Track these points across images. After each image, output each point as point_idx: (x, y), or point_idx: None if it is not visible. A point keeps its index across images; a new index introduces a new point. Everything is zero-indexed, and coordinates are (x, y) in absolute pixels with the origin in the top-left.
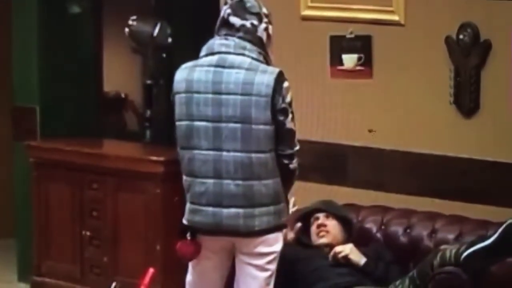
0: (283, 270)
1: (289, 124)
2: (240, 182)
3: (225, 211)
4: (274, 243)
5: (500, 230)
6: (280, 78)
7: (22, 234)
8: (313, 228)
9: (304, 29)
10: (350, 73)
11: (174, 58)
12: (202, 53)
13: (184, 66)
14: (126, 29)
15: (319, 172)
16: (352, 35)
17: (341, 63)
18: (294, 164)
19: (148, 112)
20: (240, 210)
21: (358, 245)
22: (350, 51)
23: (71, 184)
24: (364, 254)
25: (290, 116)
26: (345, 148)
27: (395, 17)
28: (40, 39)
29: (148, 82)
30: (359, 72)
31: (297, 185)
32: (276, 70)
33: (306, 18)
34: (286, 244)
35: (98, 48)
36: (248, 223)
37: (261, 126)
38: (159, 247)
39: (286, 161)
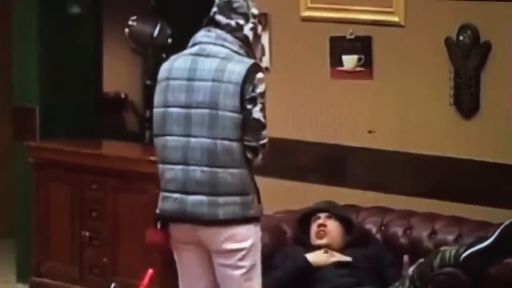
0: (284, 270)
1: (256, 114)
2: (206, 168)
3: (190, 197)
4: (243, 239)
5: (498, 231)
6: (253, 68)
7: (21, 234)
8: (313, 228)
9: (304, 30)
10: (350, 74)
11: None
12: (188, 45)
13: (171, 57)
14: (126, 30)
15: (319, 173)
16: (352, 36)
17: (341, 64)
18: (257, 162)
19: (148, 113)
20: (205, 198)
21: (358, 246)
22: (350, 52)
23: (71, 184)
24: (364, 255)
25: (258, 106)
26: (345, 149)
27: (395, 18)
28: (40, 39)
29: (148, 82)
30: (359, 73)
31: (297, 185)
32: (252, 61)
33: (306, 19)
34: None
35: (98, 48)
36: (212, 211)
37: (228, 113)
38: None
39: (249, 155)
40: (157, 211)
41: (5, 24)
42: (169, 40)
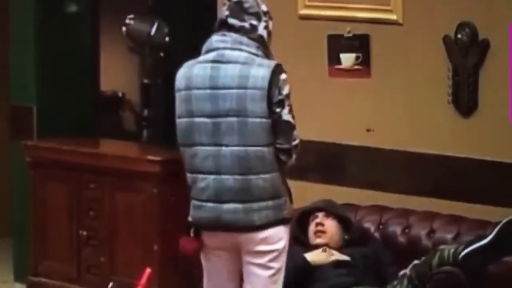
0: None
1: (285, 116)
2: (238, 176)
3: (225, 206)
4: (275, 241)
5: (496, 229)
6: (277, 70)
7: (19, 234)
8: (311, 227)
9: (302, 28)
10: (348, 72)
11: (172, 57)
12: (202, 51)
13: (186, 64)
14: (124, 28)
15: (317, 171)
16: (350, 34)
17: (339, 62)
18: (291, 163)
19: (146, 112)
20: (239, 205)
21: (356, 245)
22: (348, 50)
23: (68, 183)
24: (363, 254)
25: (287, 108)
26: (343, 147)
27: (393, 16)
28: (37, 38)
29: (146, 81)
30: (357, 71)
31: (295, 184)
32: (273, 63)
33: (304, 17)
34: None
35: (95, 47)
36: (248, 218)
37: (257, 119)
38: (156, 247)
39: (283, 158)
40: (189, 218)
41: (2, 23)
42: (167, 39)
